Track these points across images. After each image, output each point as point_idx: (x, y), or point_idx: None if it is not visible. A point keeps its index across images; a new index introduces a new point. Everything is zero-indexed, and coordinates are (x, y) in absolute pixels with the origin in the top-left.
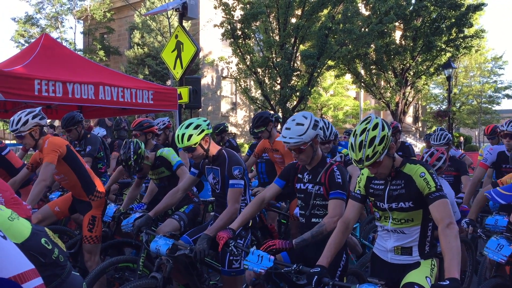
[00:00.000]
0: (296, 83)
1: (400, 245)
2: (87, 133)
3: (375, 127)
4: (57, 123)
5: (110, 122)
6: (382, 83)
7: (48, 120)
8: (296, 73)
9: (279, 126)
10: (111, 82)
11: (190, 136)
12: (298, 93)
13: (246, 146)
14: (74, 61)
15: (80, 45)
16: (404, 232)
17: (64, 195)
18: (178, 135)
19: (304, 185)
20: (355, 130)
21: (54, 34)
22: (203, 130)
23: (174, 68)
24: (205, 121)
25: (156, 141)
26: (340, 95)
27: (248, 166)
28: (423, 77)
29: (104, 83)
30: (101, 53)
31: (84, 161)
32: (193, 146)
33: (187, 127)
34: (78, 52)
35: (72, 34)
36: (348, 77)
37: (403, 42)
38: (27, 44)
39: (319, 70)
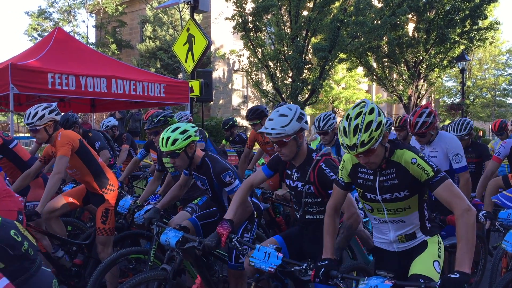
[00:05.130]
0: (307, 76)
1: (403, 233)
2: (87, 131)
3: (371, 111)
4: None
5: (119, 115)
6: (395, 76)
7: (62, 113)
8: (307, 66)
9: None
10: (123, 76)
11: (175, 140)
12: (309, 86)
13: None
14: (86, 55)
15: (92, 38)
16: (403, 220)
17: (78, 186)
18: (162, 138)
19: (293, 182)
20: (348, 114)
21: (67, 28)
22: (189, 136)
23: (185, 62)
24: (193, 127)
25: None
26: (352, 88)
27: (250, 158)
28: (436, 70)
29: (116, 77)
30: (113, 46)
31: (102, 154)
32: (177, 151)
33: (173, 130)
34: (91, 46)
35: (84, 27)
36: (360, 70)
37: (416, 34)
38: (40, 38)
39: (330, 63)
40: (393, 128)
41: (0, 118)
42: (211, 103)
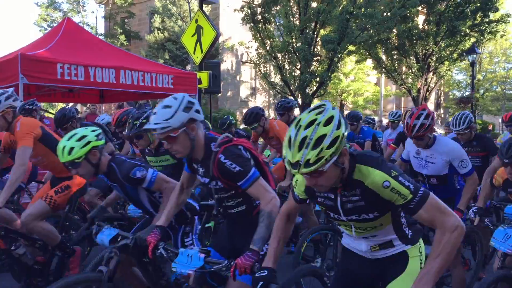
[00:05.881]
0: (316, 69)
1: (377, 244)
2: (85, 124)
3: (328, 121)
4: (79, 107)
5: (127, 106)
6: (404, 68)
7: (70, 104)
8: (316, 58)
9: (297, 111)
10: (131, 67)
11: (71, 149)
12: (318, 79)
13: None
14: (95, 46)
15: (101, 29)
16: (374, 235)
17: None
18: (59, 148)
19: (202, 178)
20: (300, 119)
21: (76, 19)
22: (88, 142)
23: (194, 53)
24: (94, 131)
25: None
26: (361, 80)
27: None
28: (446, 62)
29: (124, 67)
30: (122, 37)
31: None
32: (76, 161)
33: (69, 138)
34: (99, 37)
35: (93, 18)
36: (369, 62)
37: (426, 26)
38: (49, 28)
39: (339, 55)
40: (387, 123)
41: None
42: (219, 94)
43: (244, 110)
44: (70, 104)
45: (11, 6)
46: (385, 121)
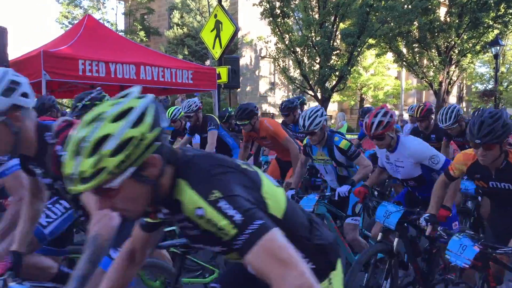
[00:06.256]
0: (335, 63)
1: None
2: (65, 114)
3: (121, 115)
4: None
5: None
6: (425, 61)
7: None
8: (335, 52)
9: (306, 107)
10: (151, 62)
11: None
12: (337, 73)
13: None
14: (116, 42)
15: (121, 26)
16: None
17: None
18: None
19: (43, 179)
20: (88, 115)
21: (96, 15)
22: None
23: (213, 48)
24: None
25: (189, 122)
26: (381, 74)
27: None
28: (469, 55)
29: (145, 63)
30: (142, 33)
31: None
32: None
33: None
34: (120, 33)
35: (113, 15)
36: (389, 56)
37: (448, 19)
38: (70, 25)
39: (359, 49)
40: (408, 117)
41: None
42: (238, 90)
43: (264, 106)
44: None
45: (33, 3)
46: (406, 116)
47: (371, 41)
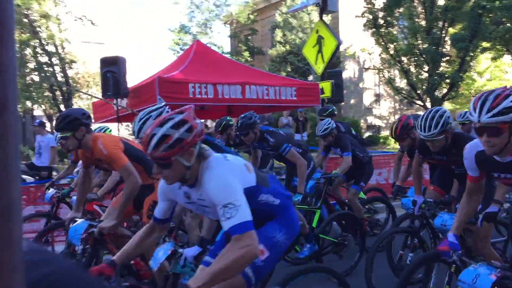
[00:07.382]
0: (445, 70)
1: None
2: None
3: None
4: (209, 123)
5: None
6: None
7: (202, 120)
8: (445, 58)
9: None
10: (256, 81)
11: None
12: (448, 80)
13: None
14: (222, 64)
15: (227, 48)
16: None
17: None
18: None
19: None
20: None
21: (204, 40)
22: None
23: (316, 63)
24: None
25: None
26: (498, 79)
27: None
28: None
29: (249, 83)
30: (246, 54)
31: None
32: None
33: None
34: (226, 55)
35: (220, 38)
36: (506, 58)
37: None
38: (181, 51)
39: (472, 54)
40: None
41: None
42: (342, 103)
43: (369, 118)
44: (201, 121)
45: (150, 34)
46: None
47: (485, 44)
